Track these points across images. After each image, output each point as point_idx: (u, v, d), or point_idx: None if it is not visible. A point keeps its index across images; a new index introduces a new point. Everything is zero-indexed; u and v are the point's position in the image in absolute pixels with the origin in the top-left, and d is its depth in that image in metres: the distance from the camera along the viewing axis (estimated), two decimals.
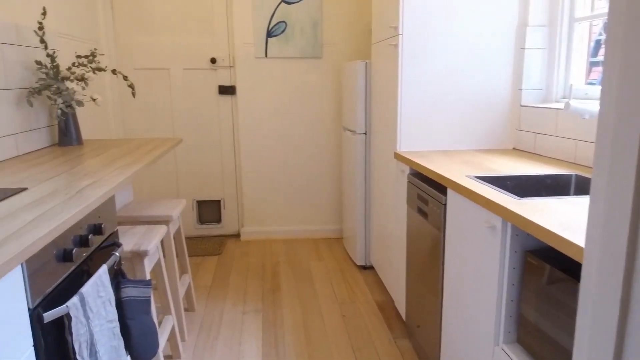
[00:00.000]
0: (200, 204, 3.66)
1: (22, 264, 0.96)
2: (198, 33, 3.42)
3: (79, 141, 2.42)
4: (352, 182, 3.07)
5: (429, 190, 1.85)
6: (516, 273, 1.31)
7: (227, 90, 3.51)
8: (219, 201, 3.67)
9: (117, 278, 1.41)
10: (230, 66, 3.48)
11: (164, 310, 2.04)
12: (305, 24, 3.41)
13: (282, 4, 3.38)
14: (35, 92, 2.17)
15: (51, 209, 1.19)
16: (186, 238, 3.64)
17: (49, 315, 1.02)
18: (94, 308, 1.16)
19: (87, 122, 2.99)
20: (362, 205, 3.01)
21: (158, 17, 3.38)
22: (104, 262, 1.33)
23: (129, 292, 1.41)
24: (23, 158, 2.02)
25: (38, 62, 2.23)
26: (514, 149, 2.34)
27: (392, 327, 2.37)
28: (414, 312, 2.12)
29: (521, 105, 2.29)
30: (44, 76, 2.30)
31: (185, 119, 3.54)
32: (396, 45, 2.27)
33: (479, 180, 1.58)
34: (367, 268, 3.08)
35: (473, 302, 1.51)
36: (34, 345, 1.00)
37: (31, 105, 2.17)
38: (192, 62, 3.46)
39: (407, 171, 2.15)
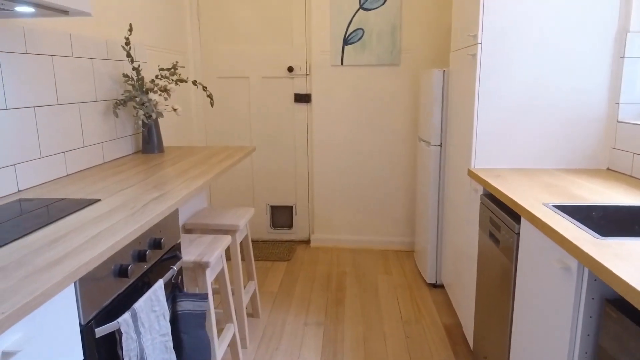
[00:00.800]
0: (274, 208, 3.73)
1: (75, 282, 1.02)
2: (277, 42, 3.48)
3: (160, 149, 2.55)
4: (425, 195, 2.95)
5: (502, 215, 1.70)
6: (593, 323, 1.15)
7: (302, 98, 3.54)
8: (291, 207, 3.71)
9: (174, 291, 1.46)
10: (306, 74, 3.50)
11: (226, 318, 2.09)
12: (383, 30, 3.34)
13: (360, 10, 3.33)
14: (121, 103, 2.33)
15: (114, 225, 1.25)
16: (259, 241, 3.73)
17: (100, 331, 1.07)
18: (146, 323, 1.21)
19: (173, 128, 3.17)
20: (434, 220, 2.88)
21: (241, 28, 3.49)
22: (161, 276, 1.38)
23: (184, 305, 1.45)
24: (107, 165, 2.17)
25: (125, 75, 2.39)
26: (607, 169, 2.08)
27: (458, 354, 2.22)
28: (482, 341, 1.97)
29: (618, 121, 2.03)
30: (130, 88, 2.47)
31: (262, 126, 3.62)
32: (474, 55, 2.12)
33: (558, 211, 1.41)
34: (437, 286, 2.94)
35: (543, 346, 1.36)
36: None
37: (117, 116, 2.33)
38: (271, 70, 3.53)
39: (481, 191, 2.00)
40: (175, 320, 1.43)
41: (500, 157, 2.15)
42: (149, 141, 2.51)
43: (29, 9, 1.33)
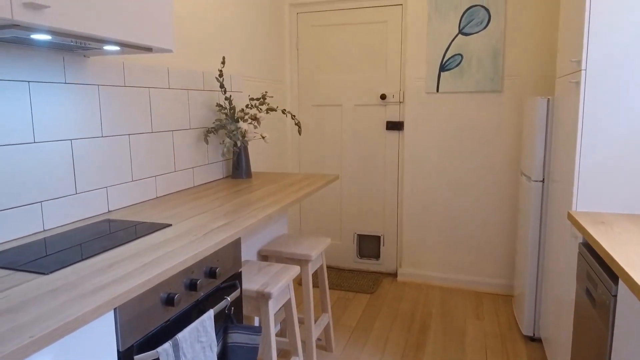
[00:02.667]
0: (361, 237, 3.65)
1: (115, 309, 1.06)
2: (371, 70, 3.46)
3: (248, 175, 2.65)
4: (525, 235, 2.65)
5: (598, 271, 1.44)
6: None
7: (395, 126, 3.44)
8: (379, 237, 3.60)
9: (226, 322, 1.46)
10: (399, 102, 3.41)
11: (292, 351, 2.06)
12: (483, 56, 3.13)
13: (460, 35, 3.17)
14: (212, 131, 2.46)
15: (169, 253, 1.29)
16: (345, 270, 3.67)
17: (138, 359, 1.10)
18: (188, 353, 1.21)
19: (267, 155, 3.29)
20: (533, 264, 2.56)
21: (336, 57, 3.53)
22: (213, 306, 1.39)
23: (236, 338, 1.44)
24: (195, 189, 2.30)
25: (218, 105, 2.53)
26: None
27: None
28: None
29: None
30: (222, 117, 2.61)
31: (353, 154, 3.59)
32: (578, 83, 1.87)
33: None
34: (535, 340, 2.59)
35: None
36: None
37: (207, 142, 2.47)
38: (363, 98, 3.50)
39: (580, 239, 1.73)
40: (225, 353, 1.43)
41: (608, 199, 1.85)
42: (238, 167, 2.62)
43: (115, 48, 1.46)
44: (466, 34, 3.16)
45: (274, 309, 1.81)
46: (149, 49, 1.56)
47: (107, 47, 1.45)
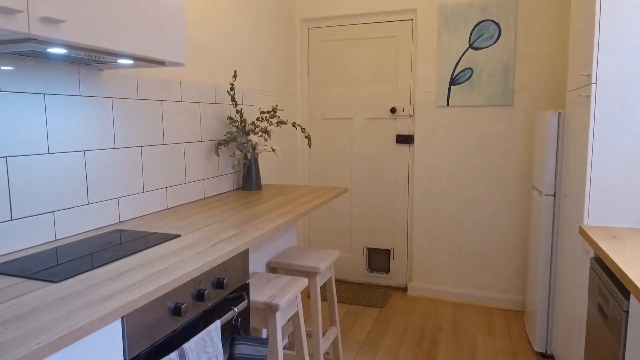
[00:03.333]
0: (371, 251, 3.63)
1: (122, 318, 1.07)
2: (381, 84, 3.48)
3: (258, 187, 2.66)
4: (536, 250, 2.62)
5: (610, 286, 1.42)
6: None
7: (405, 139, 3.45)
8: (388, 250, 3.58)
9: (233, 334, 1.46)
10: (409, 115, 3.42)
11: None
12: (494, 69, 3.14)
13: (470, 50, 3.18)
14: (222, 143, 2.49)
15: (176, 263, 1.30)
16: (354, 284, 3.65)
17: None
18: None
19: (277, 167, 3.31)
20: (545, 279, 2.53)
21: (347, 71, 3.56)
22: (220, 317, 1.39)
23: (242, 349, 1.44)
24: (205, 201, 2.32)
25: (229, 118, 2.56)
26: None
27: None
28: None
29: None
30: (233, 129, 2.64)
31: (363, 167, 3.60)
32: (588, 97, 1.87)
33: None
34: (547, 357, 2.55)
35: None
36: None
37: (217, 155, 2.49)
38: (374, 111, 3.52)
39: (592, 254, 1.71)
40: None
41: (619, 214, 1.82)
42: (248, 179, 2.64)
43: (128, 61, 1.50)
44: (476, 49, 3.17)
45: (281, 321, 1.81)
46: (161, 63, 1.60)
47: (121, 61, 1.48)
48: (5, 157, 1.40)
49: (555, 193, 2.48)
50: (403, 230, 3.53)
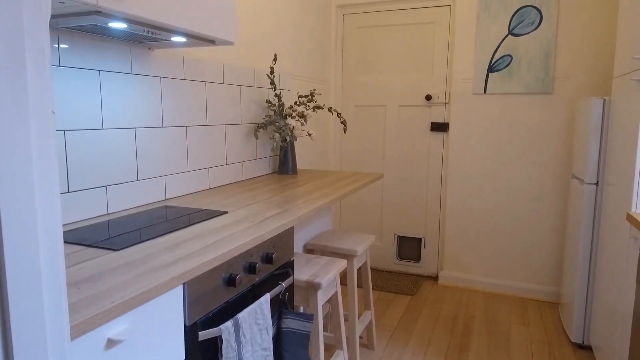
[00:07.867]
0: (401, 239, 3.63)
1: (183, 285, 1.10)
2: (417, 71, 3.44)
3: (294, 171, 2.68)
4: (576, 240, 2.57)
5: None
6: None
7: (439, 127, 3.42)
8: (419, 239, 3.57)
9: (281, 308, 1.49)
10: (445, 103, 3.38)
11: (336, 345, 2.07)
12: (534, 56, 3.07)
13: (509, 36, 3.12)
14: (261, 126, 2.51)
15: (230, 236, 1.33)
16: (384, 271, 3.65)
17: (202, 335, 1.13)
18: (247, 334, 1.24)
19: (311, 152, 3.32)
20: (584, 270, 2.48)
21: (381, 58, 3.54)
22: (269, 291, 1.42)
23: (289, 323, 1.46)
24: (244, 183, 2.35)
25: (268, 101, 2.58)
26: None
27: None
28: None
29: None
30: (271, 113, 2.66)
31: (396, 154, 3.58)
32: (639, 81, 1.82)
33: None
34: (584, 347, 2.51)
35: None
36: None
37: (257, 137, 2.52)
38: (408, 99, 3.49)
39: None
40: (279, 337, 1.45)
41: None
42: (284, 163, 2.66)
43: (182, 39, 1.52)
44: (516, 35, 3.11)
45: (322, 300, 1.83)
46: (212, 41, 1.62)
47: (175, 38, 1.51)
48: (64, 130, 1.44)
49: (597, 181, 2.43)
50: (435, 218, 3.51)
